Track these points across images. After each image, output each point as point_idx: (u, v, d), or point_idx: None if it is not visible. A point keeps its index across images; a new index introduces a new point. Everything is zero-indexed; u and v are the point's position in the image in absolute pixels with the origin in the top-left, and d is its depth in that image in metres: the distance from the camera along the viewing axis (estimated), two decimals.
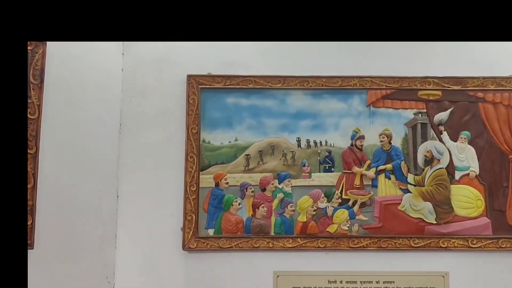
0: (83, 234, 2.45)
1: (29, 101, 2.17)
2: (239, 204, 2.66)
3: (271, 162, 2.71)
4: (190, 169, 2.66)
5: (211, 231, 2.64)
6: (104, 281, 2.58)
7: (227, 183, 2.69)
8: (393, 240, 2.62)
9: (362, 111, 2.74)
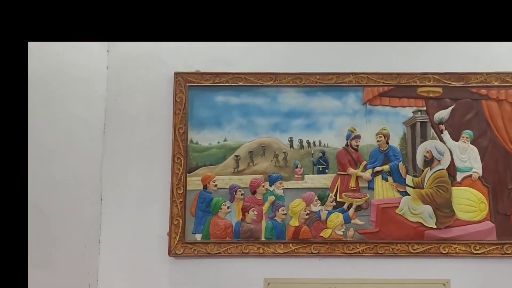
0: (65, 239, 2.43)
1: None
2: (228, 207, 2.64)
3: (262, 164, 2.69)
4: (177, 171, 2.65)
5: (198, 236, 2.63)
6: None
7: (215, 185, 2.67)
8: (390, 246, 2.59)
9: (358, 110, 2.72)
